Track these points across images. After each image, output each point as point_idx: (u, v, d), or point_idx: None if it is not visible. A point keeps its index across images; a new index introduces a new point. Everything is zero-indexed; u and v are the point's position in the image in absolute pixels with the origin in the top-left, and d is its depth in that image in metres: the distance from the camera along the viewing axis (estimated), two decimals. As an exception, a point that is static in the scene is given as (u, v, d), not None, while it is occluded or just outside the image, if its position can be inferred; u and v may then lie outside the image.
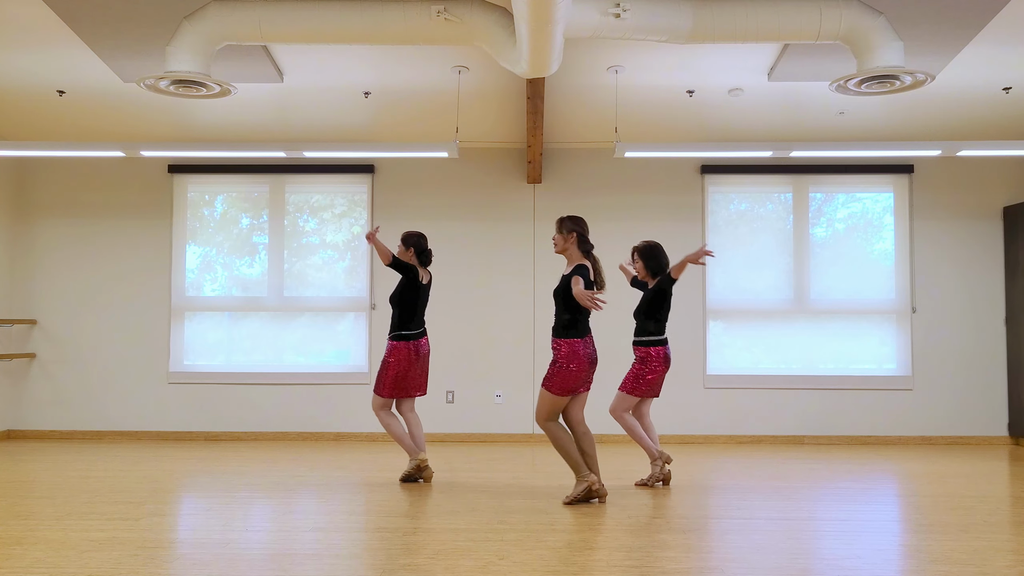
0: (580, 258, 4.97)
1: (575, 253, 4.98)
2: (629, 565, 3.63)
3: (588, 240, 5.01)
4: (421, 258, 5.75)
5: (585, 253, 4.98)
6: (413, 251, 5.73)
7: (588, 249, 5.00)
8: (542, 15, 4.34)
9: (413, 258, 5.72)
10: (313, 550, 3.89)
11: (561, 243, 5.00)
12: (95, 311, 8.06)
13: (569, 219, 5.04)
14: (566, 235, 4.99)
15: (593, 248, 5.04)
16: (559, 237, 5.02)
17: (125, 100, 7.12)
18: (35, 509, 4.72)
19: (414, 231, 5.83)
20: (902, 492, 5.50)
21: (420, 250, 5.75)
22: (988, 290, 7.98)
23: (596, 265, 4.98)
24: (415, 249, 5.74)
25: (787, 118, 7.45)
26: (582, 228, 5.01)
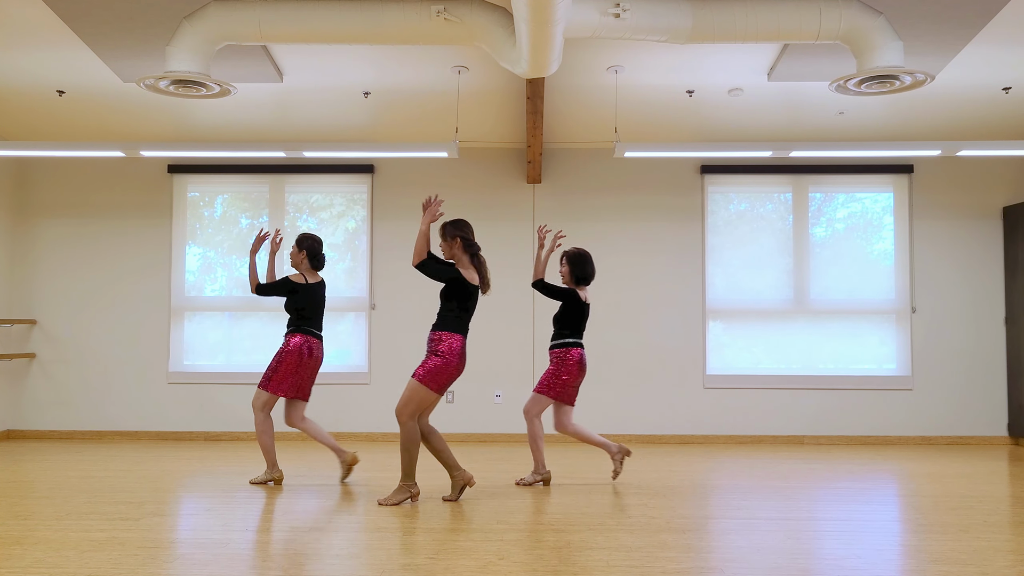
0: (468, 264, 4.95)
1: (462, 258, 4.97)
2: (629, 565, 3.63)
3: (474, 242, 5.00)
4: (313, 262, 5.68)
5: (472, 256, 4.98)
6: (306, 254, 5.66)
7: (475, 251, 4.99)
8: (542, 15, 4.34)
9: (305, 260, 5.65)
10: (313, 550, 3.89)
11: (447, 250, 4.99)
12: (95, 311, 8.06)
13: (451, 224, 5.01)
14: (450, 241, 4.97)
15: (480, 250, 5.02)
16: (444, 245, 4.99)
17: (125, 100, 7.12)
18: (35, 509, 4.72)
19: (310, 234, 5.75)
20: (902, 492, 5.50)
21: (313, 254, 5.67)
22: (988, 290, 7.98)
23: (482, 267, 4.98)
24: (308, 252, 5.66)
25: (787, 118, 7.45)
26: (465, 232, 4.99)
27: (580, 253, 5.68)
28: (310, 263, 5.68)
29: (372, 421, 7.89)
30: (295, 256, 5.69)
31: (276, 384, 5.53)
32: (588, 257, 5.68)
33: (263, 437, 5.53)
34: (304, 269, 5.67)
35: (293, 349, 5.54)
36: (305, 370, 5.58)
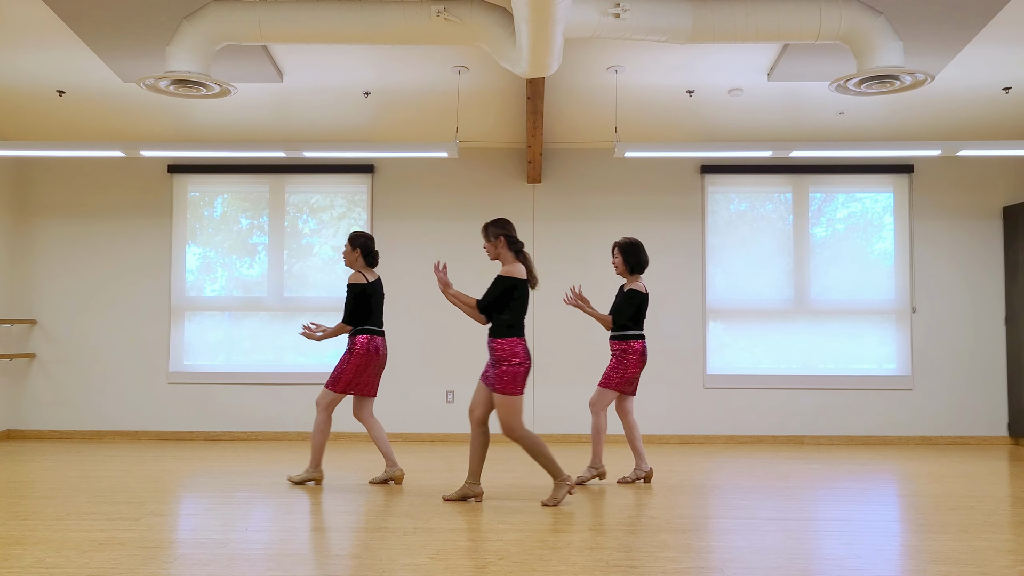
0: (512, 260, 4.95)
1: (507, 255, 4.97)
2: (629, 565, 3.63)
3: (517, 239, 5.00)
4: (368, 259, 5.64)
5: (516, 253, 4.98)
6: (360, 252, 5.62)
7: (519, 248, 5.00)
8: (542, 15, 4.34)
9: (360, 259, 5.61)
10: (313, 550, 3.89)
11: (492, 250, 4.99)
12: (95, 311, 8.06)
13: (493, 224, 5.00)
14: (495, 241, 4.97)
15: (523, 246, 5.03)
16: (489, 245, 4.98)
17: (125, 100, 7.12)
18: (35, 509, 4.72)
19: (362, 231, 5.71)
20: (902, 492, 5.50)
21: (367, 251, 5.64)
22: (988, 290, 7.98)
23: (528, 263, 4.99)
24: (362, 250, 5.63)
25: (787, 118, 7.45)
26: (508, 230, 4.98)
27: (631, 242, 5.66)
28: (364, 260, 5.64)
29: (372, 421, 7.89)
30: (349, 255, 5.64)
31: (344, 384, 5.50)
32: (640, 246, 5.67)
33: (318, 435, 5.49)
34: (360, 267, 5.63)
35: (360, 350, 5.50)
36: (372, 368, 5.55)
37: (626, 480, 5.68)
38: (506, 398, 4.83)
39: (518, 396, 4.85)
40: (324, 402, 5.51)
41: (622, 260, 5.65)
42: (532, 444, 4.88)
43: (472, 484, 5.00)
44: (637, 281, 5.65)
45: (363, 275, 5.56)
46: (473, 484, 5.00)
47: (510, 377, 4.83)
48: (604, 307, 7.81)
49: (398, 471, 5.61)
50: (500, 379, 4.84)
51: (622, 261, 5.65)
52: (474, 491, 5.00)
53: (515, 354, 4.84)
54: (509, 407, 4.84)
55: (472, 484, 5.00)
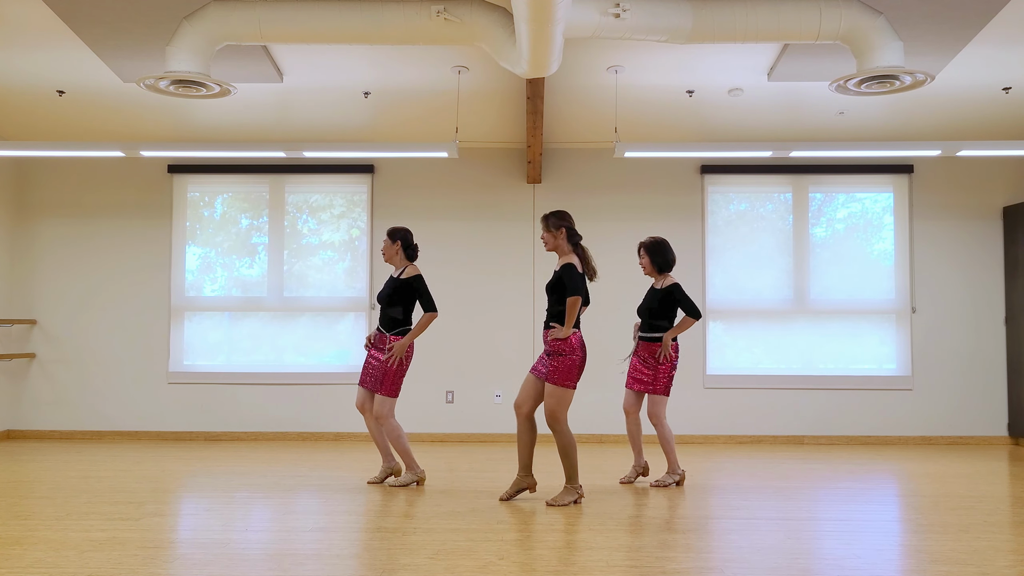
0: (570, 251, 4.98)
1: (565, 247, 4.99)
2: (629, 565, 3.63)
3: (576, 232, 5.02)
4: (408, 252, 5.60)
5: (575, 245, 5.00)
6: (400, 244, 5.58)
7: (577, 241, 5.01)
8: (542, 15, 4.34)
9: (400, 252, 5.57)
10: (313, 550, 3.89)
11: (551, 240, 5.00)
12: (95, 311, 8.06)
13: (554, 215, 5.02)
14: (555, 232, 4.99)
15: (582, 239, 5.05)
16: (548, 235, 5.01)
17: (125, 100, 7.12)
18: (35, 509, 4.72)
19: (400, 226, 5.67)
20: (902, 492, 5.50)
21: (407, 244, 5.60)
22: (988, 290, 7.98)
23: (586, 255, 5.00)
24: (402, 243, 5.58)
25: (787, 118, 7.45)
26: (569, 222, 5.01)
27: (657, 242, 5.65)
28: (405, 254, 5.59)
29: (372, 421, 7.89)
30: (388, 249, 5.58)
31: (390, 387, 5.43)
32: (666, 245, 5.65)
33: (399, 442, 5.41)
34: (401, 260, 5.58)
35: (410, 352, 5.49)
36: (406, 367, 5.51)
37: (627, 480, 5.69)
38: (558, 389, 4.85)
39: (571, 389, 4.87)
40: (385, 411, 5.42)
41: (649, 261, 5.64)
42: (567, 442, 4.89)
43: (524, 476, 5.00)
44: (669, 277, 5.64)
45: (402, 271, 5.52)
46: (525, 476, 5.00)
47: (565, 369, 4.84)
48: (604, 306, 7.81)
49: (396, 467, 5.61)
50: (555, 371, 4.85)
51: (649, 262, 5.64)
52: (526, 483, 5.01)
53: (571, 346, 4.84)
54: (560, 399, 4.86)
55: (524, 476, 5.00)
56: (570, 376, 4.86)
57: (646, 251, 5.66)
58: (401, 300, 5.50)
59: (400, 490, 5.38)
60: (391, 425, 5.41)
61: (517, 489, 5.04)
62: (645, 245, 5.67)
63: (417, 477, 5.50)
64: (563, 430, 4.89)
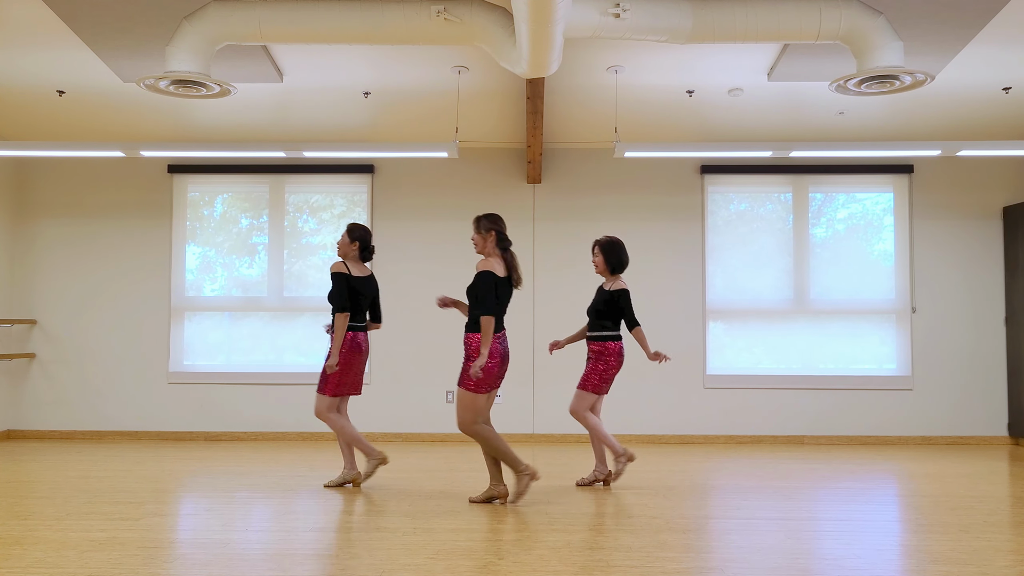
0: (496, 255, 4.94)
1: (492, 251, 4.97)
2: (629, 565, 3.63)
3: (507, 238, 5.00)
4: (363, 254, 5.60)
5: (503, 251, 4.98)
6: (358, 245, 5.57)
7: (506, 246, 4.99)
8: (542, 15, 4.34)
9: (356, 252, 5.56)
10: (313, 550, 3.89)
11: (480, 242, 4.99)
12: (95, 311, 8.06)
13: (486, 217, 5.00)
14: (485, 234, 4.98)
15: (511, 245, 5.02)
16: (478, 237, 4.99)
17: (125, 100, 7.12)
18: (35, 509, 4.72)
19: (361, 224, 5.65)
20: (902, 492, 5.50)
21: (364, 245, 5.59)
22: (988, 290, 7.98)
23: (513, 261, 4.98)
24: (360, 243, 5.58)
25: (787, 118, 7.45)
26: (499, 226, 4.99)
27: (612, 241, 5.61)
28: (360, 255, 5.58)
29: (373, 421, 7.89)
30: (345, 246, 5.55)
31: (333, 386, 5.42)
32: (621, 245, 5.62)
33: (345, 436, 5.41)
34: (352, 260, 5.56)
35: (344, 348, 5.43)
36: (356, 365, 5.48)
37: (585, 482, 5.59)
38: (467, 394, 4.83)
39: (480, 395, 4.83)
40: (323, 408, 5.44)
41: (603, 260, 5.59)
42: (487, 439, 4.85)
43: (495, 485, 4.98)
44: (619, 280, 5.59)
45: (346, 265, 5.50)
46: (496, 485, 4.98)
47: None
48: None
49: (355, 473, 5.52)
50: (465, 374, 4.84)
51: (603, 261, 5.59)
52: (498, 491, 4.98)
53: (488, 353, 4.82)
54: (469, 405, 4.82)
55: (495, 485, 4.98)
56: (480, 381, 4.81)
57: (600, 249, 5.60)
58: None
59: (400, 489, 5.38)
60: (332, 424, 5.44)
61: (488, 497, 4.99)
62: (600, 244, 5.61)
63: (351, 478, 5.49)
64: (478, 431, 4.85)
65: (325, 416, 5.45)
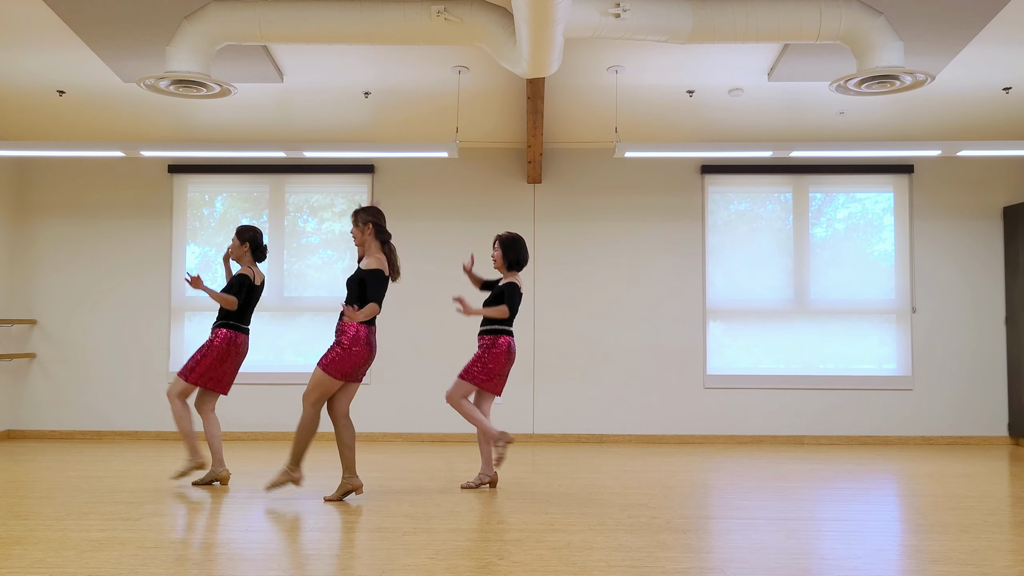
0: (377, 250, 4.95)
1: (373, 245, 4.98)
2: (629, 565, 3.63)
3: (385, 230, 5.01)
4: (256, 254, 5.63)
5: (382, 243, 4.99)
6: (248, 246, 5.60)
7: (385, 239, 5.00)
8: (542, 15, 4.34)
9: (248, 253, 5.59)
10: (313, 550, 3.89)
11: (359, 236, 4.99)
12: (95, 311, 8.06)
13: (364, 210, 5.00)
14: (363, 227, 4.98)
15: (390, 238, 5.03)
16: (356, 230, 4.99)
17: (125, 100, 7.12)
18: (35, 509, 4.72)
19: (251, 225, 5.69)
20: (902, 492, 5.50)
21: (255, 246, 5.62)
22: (988, 290, 7.98)
23: (392, 255, 4.99)
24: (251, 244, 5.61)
25: (787, 118, 7.44)
26: (378, 218, 4.99)
27: (513, 237, 5.52)
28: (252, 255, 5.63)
29: (373, 421, 7.89)
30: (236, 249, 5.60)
31: (197, 375, 5.50)
32: (522, 243, 5.52)
33: (182, 423, 5.51)
34: (248, 263, 5.62)
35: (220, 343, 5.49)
36: (230, 363, 5.55)
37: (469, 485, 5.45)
38: (325, 377, 4.86)
39: (335, 381, 4.88)
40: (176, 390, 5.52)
41: (501, 255, 5.49)
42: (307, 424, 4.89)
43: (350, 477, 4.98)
44: (516, 277, 5.50)
45: (251, 270, 5.58)
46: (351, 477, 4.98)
47: (338, 359, 4.85)
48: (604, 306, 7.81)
49: (224, 471, 5.54)
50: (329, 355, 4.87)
51: (501, 256, 5.49)
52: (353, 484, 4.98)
53: (357, 340, 4.85)
54: (322, 383, 4.87)
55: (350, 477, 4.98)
56: (341, 367, 4.85)
57: (500, 244, 5.51)
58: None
59: (400, 489, 5.38)
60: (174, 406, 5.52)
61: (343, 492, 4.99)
62: (501, 239, 5.51)
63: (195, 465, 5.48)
64: (309, 412, 4.89)
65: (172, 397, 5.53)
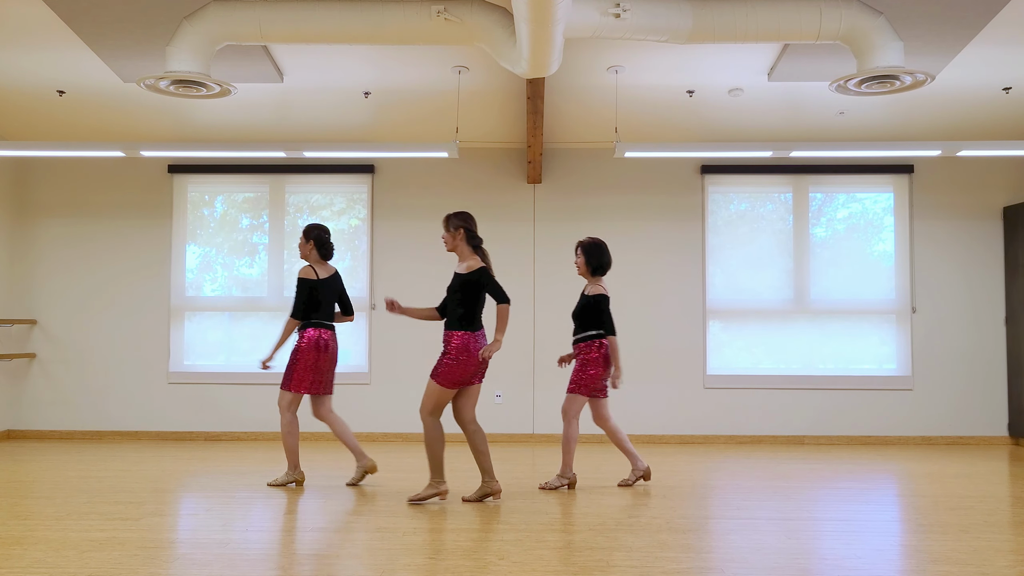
0: (471, 254, 4.96)
1: (465, 249, 4.98)
2: (629, 565, 3.63)
3: (476, 235, 5.00)
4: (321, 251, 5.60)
5: (475, 248, 4.98)
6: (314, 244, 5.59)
7: (477, 244, 5.00)
8: (542, 15, 4.34)
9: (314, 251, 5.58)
10: (313, 550, 3.89)
11: (450, 241, 4.99)
12: (95, 311, 8.06)
13: (456, 216, 5.00)
14: (454, 232, 4.97)
15: (482, 242, 5.03)
16: (447, 236, 4.99)
17: (125, 100, 7.12)
18: (35, 509, 4.72)
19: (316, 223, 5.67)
20: (902, 492, 5.50)
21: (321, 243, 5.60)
22: (988, 290, 7.98)
23: (486, 259, 4.99)
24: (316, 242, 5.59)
25: (787, 118, 7.45)
26: (470, 224, 4.99)
27: (595, 243, 5.55)
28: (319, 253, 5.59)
29: (373, 421, 7.89)
30: (303, 247, 5.60)
31: (297, 382, 5.45)
32: (604, 247, 5.55)
33: (288, 438, 5.44)
34: (313, 260, 5.59)
35: (307, 345, 5.46)
36: (323, 363, 5.50)
37: (627, 483, 5.63)
38: (437, 387, 4.85)
39: (447, 390, 4.86)
40: (284, 403, 5.46)
41: (584, 261, 5.53)
42: (430, 435, 4.88)
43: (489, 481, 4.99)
44: (599, 284, 5.53)
45: (314, 269, 5.54)
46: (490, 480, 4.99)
47: (448, 369, 4.83)
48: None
49: (369, 462, 5.53)
50: (438, 366, 4.85)
51: (584, 262, 5.53)
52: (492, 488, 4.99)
53: (463, 350, 4.84)
54: (434, 394, 4.85)
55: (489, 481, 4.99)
56: (453, 377, 4.84)
57: (583, 251, 5.54)
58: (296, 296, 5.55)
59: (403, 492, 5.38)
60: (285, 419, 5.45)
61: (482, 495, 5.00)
62: (583, 244, 5.55)
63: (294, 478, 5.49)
64: (430, 422, 4.88)
65: (283, 411, 5.47)
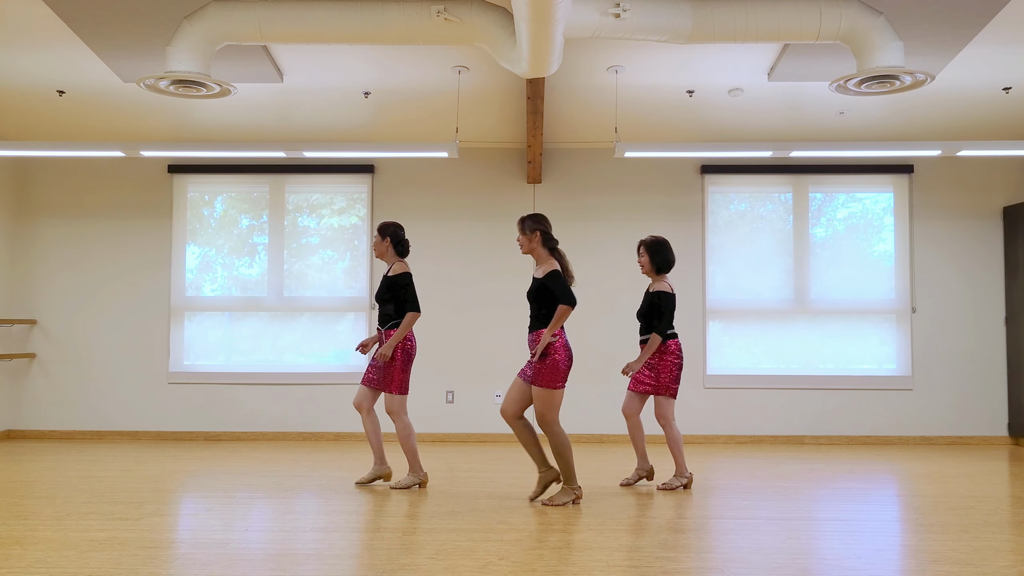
0: (547, 257, 4.95)
1: (542, 252, 4.97)
2: (629, 565, 3.63)
3: (552, 237, 4.99)
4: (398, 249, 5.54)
5: (551, 250, 4.97)
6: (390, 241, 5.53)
7: (553, 245, 4.99)
8: (542, 15, 4.34)
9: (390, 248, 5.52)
10: (313, 550, 3.89)
11: (526, 244, 4.97)
12: (95, 311, 8.06)
13: (530, 218, 4.99)
14: (530, 235, 4.96)
15: (558, 244, 5.02)
16: (523, 238, 4.97)
17: (125, 100, 7.12)
18: (35, 509, 4.72)
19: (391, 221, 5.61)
20: (902, 492, 5.50)
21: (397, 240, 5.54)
22: (988, 290, 7.98)
23: (563, 260, 4.97)
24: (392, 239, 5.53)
25: (787, 118, 7.45)
26: (545, 225, 4.98)
27: (658, 241, 5.51)
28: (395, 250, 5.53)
29: (372, 421, 7.89)
30: (379, 245, 5.52)
31: (401, 383, 5.39)
32: (667, 245, 5.51)
33: (407, 441, 5.37)
34: (392, 257, 5.52)
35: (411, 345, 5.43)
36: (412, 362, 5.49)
37: (628, 482, 5.61)
38: (544, 391, 4.82)
39: (558, 390, 4.84)
40: (395, 408, 5.38)
41: (649, 259, 5.51)
42: (559, 443, 4.87)
43: (545, 471, 4.98)
44: (663, 281, 5.51)
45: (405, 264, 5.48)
46: (545, 471, 4.98)
47: (549, 370, 4.81)
48: (604, 306, 7.81)
49: (387, 469, 5.51)
50: (539, 373, 4.82)
51: (648, 261, 5.51)
52: (550, 476, 4.99)
53: (555, 348, 4.82)
54: (547, 400, 4.83)
55: (545, 471, 4.98)
56: (555, 377, 4.82)
57: (646, 250, 5.53)
58: (392, 297, 5.45)
59: (400, 491, 5.38)
60: (401, 423, 5.38)
61: (543, 485, 5.01)
62: (646, 243, 5.54)
63: (419, 480, 5.45)
64: (555, 431, 4.87)
65: (397, 417, 5.38)
